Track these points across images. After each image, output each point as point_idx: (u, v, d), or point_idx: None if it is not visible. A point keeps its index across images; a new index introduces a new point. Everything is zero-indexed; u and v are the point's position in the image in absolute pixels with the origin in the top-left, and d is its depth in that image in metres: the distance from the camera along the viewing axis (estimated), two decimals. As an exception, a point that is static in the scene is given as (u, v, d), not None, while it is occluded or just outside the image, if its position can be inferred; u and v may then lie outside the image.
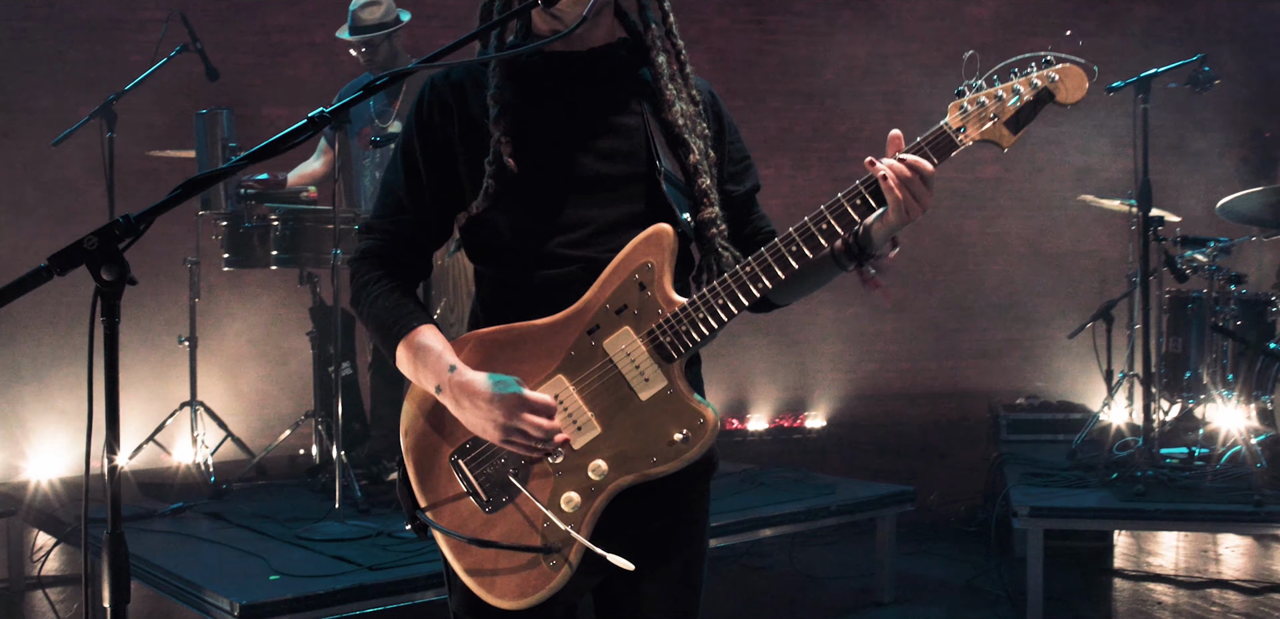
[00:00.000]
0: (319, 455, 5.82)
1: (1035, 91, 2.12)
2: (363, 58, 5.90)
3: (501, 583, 2.15)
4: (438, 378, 2.15)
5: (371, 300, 2.26)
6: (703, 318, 2.14)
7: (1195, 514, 5.26)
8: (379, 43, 5.80)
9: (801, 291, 2.32)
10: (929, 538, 6.49)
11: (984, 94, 2.13)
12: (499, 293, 2.29)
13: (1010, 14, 9.28)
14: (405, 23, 5.86)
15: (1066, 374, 8.68)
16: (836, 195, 2.14)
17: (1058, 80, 2.12)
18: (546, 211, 2.22)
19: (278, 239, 5.38)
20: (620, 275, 2.17)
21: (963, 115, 2.13)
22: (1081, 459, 6.21)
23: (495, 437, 2.12)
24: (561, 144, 2.24)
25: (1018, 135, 2.14)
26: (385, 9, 5.81)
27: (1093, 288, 8.81)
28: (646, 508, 2.21)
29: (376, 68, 5.89)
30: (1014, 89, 2.12)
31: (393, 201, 2.30)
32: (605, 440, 2.15)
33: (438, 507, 2.20)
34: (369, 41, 5.80)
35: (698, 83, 2.36)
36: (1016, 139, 2.14)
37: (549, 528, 2.14)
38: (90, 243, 1.93)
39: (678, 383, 2.15)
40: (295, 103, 8.35)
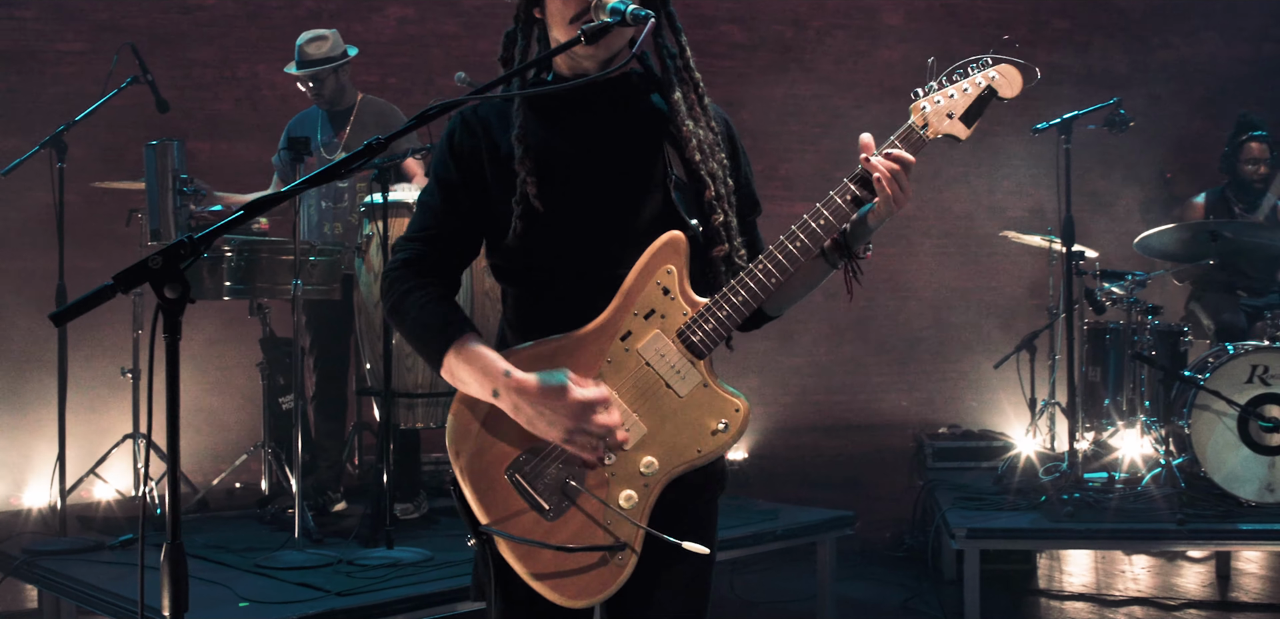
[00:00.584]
0: (268, 486, 5.81)
1: (980, 89, 2.36)
2: (310, 92, 5.98)
3: (570, 584, 2.24)
4: (494, 382, 2.23)
5: (418, 307, 2.32)
6: (727, 315, 2.28)
7: (1124, 533, 5.53)
8: (325, 77, 5.89)
9: (793, 297, 2.46)
10: (859, 563, 6.67)
11: (939, 95, 2.36)
12: (530, 313, 2.39)
13: (919, 58, 9.59)
14: (352, 57, 5.94)
15: (988, 404, 8.98)
16: (829, 192, 2.32)
17: (999, 78, 2.37)
18: (572, 244, 2.34)
19: (232, 270, 5.39)
20: (643, 283, 2.29)
21: (924, 114, 2.35)
22: (1008, 484, 6.46)
23: (557, 436, 2.21)
24: (585, 179, 2.36)
25: (972, 128, 2.37)
26: (331, 44, 5.91)
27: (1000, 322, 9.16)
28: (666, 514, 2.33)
29: (324, 102, 5.96)
30: (964, 88, 2.36)
31: (430, 217, 2.39)
32: (652, 437, 2.27)
33: (500, 520, 2.27)
34: (316, 76, 5.87)
35: (714, 111, 2.49)
36: (971, 131, 2.37)
37: (613, 525, 2.25)
38: (155, 262, 2.00)
39: (710, 377, 2.30)
40: (216, 137, 8.36)
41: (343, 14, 8.45)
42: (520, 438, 2.28)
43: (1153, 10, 10.17)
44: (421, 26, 8.92)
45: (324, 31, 5.97)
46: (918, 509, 6.95)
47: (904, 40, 9.67)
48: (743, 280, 2.29)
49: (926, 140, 2.35)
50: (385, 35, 8.88)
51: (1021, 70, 2.36)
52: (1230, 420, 5.72)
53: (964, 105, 2.35)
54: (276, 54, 8.38)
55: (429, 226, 2.39)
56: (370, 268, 5.29)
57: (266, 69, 8.49)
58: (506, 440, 2.29)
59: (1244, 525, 5.49)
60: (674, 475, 2.29)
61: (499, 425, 2.28)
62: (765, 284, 2.29)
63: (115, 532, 5.45)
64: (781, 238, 2.30)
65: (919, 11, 9.74)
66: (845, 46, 9.71)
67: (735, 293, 2.28)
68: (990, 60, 2.38)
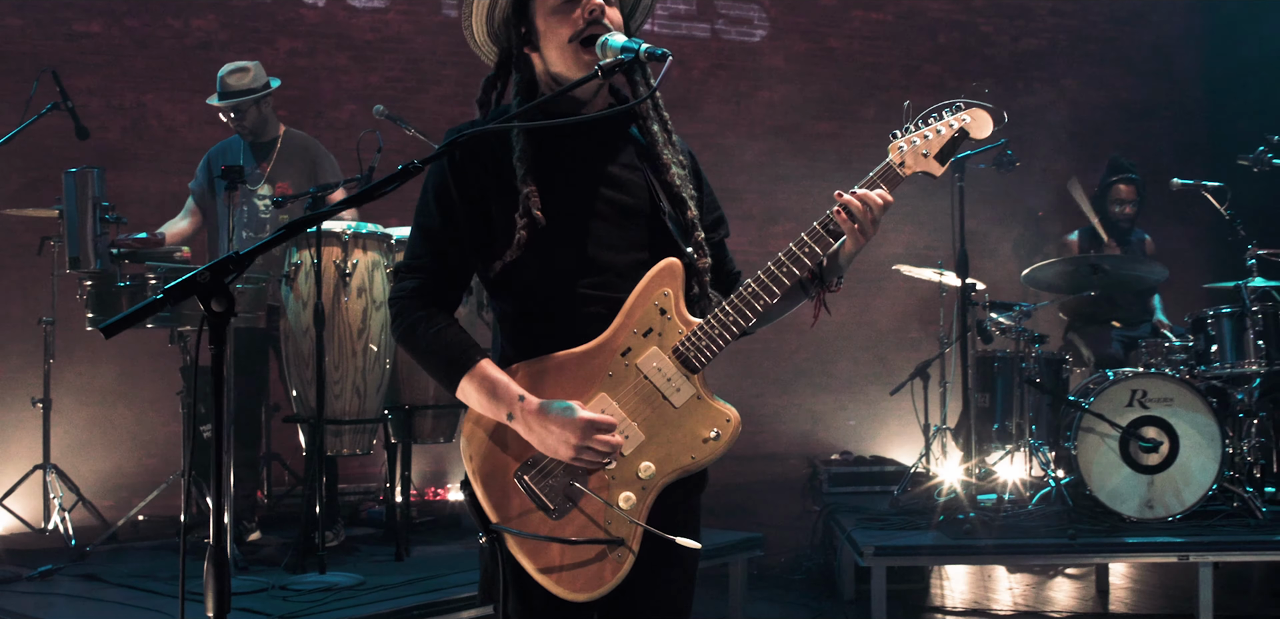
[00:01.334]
0: (187, 515, 5.78)
1: (953, 131, 2.58)
2: (232, 123, 6.00)
3: (574, 577, 2.41)
4: (509, 406, 2.41)
5: (432, 335, 2.49)
6: (718, 333, 2.47)
7: (1021, 548, 5.86)
8: (247, 108, 5.93)
9: (773, 317, 2.65)
10: (759, 585, 6.88)
11: (915, 135, 2.59)
12: (529, 329, 2.54)
13: (799, 98, 9.97)
14: (274, 88, 5.99)
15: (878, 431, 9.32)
16: (810, 226, 2.53)
17: (970, 121, 2.59)
18: (570, 258, 2.50)
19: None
20: (643, 304, 2.48)
21: (901, 153, 2.57)
22: (905, 506, 6.77)
23: (567, 455, 2.39)
24: (579, 198, 2.53)
25: (945, 166, 2.60)
26: (253, 76, 5.96)
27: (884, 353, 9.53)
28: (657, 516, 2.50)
29: (246, 133, 6.00)
30: (938, 130, 2.58)
31: (431, 244, 2.54)
32: (650, 444, 2.46)
33: (508, 519, 2.44)
34: (237, 106, 5.91)
35: (680, 144, 2.70)
36: (944, 168, 2.60)
37: (613, 523, 2.42)
38: (203, 277, 2.10)
39: (703, 390, 2.48)
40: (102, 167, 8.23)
41: (232, 44, 8.44)
42: (527, 444, 2.44)
43: (1018, 57, 10.73)
44: (311, 59, 8.94)
45: (246, 63, 6.02)
46: (817, 532, 7.20)
47: (785, 81, 10.00)
48: (733, 303, 2.48)
49: (903, 176, 2.57)
50: (275, 67, 8.85)
51: (991, 114, 2.59)
52: (1113, 442, 6.11)
53: (938, 145, 2.57)
54: (164, 84, 8.34)
55: (431, 252, 2.54)
56: (299, 296, 5.34)
57: (153, 98, 8.43)
58: (515, 446, 2.45)
59: (1130, 539, 5.86)
60: (669, 480, 2.47)
61: (508, 433, 2.45)
62: (754, 306, 2.49)
63: (24, 564, 5.37)
64: (769, 265, 2.50)
65: (799, 55, 10.09)
66: (728, 87, 9.98)
67: (726, 315, 2.48)
68: (962, 105, 2.59)
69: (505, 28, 2.64)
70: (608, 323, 2.48)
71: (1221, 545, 5.72)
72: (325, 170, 6.10)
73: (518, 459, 2.45)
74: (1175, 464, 6.07)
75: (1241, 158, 6.54)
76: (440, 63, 9.24)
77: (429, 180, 2.59)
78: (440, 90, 9.15)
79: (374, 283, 5.41)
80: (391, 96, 8.89)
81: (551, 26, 2.54)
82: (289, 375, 5.51)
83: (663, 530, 2.46)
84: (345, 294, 5.27)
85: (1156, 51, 10.83)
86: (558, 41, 2.53)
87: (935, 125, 2.59)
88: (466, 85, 9.18)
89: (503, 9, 2.62)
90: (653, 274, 2.49)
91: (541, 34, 2.56)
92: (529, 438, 2.42)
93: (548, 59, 2.56)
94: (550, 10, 2.54)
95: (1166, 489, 6.07)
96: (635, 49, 2.38)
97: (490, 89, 2.67)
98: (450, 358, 2.48)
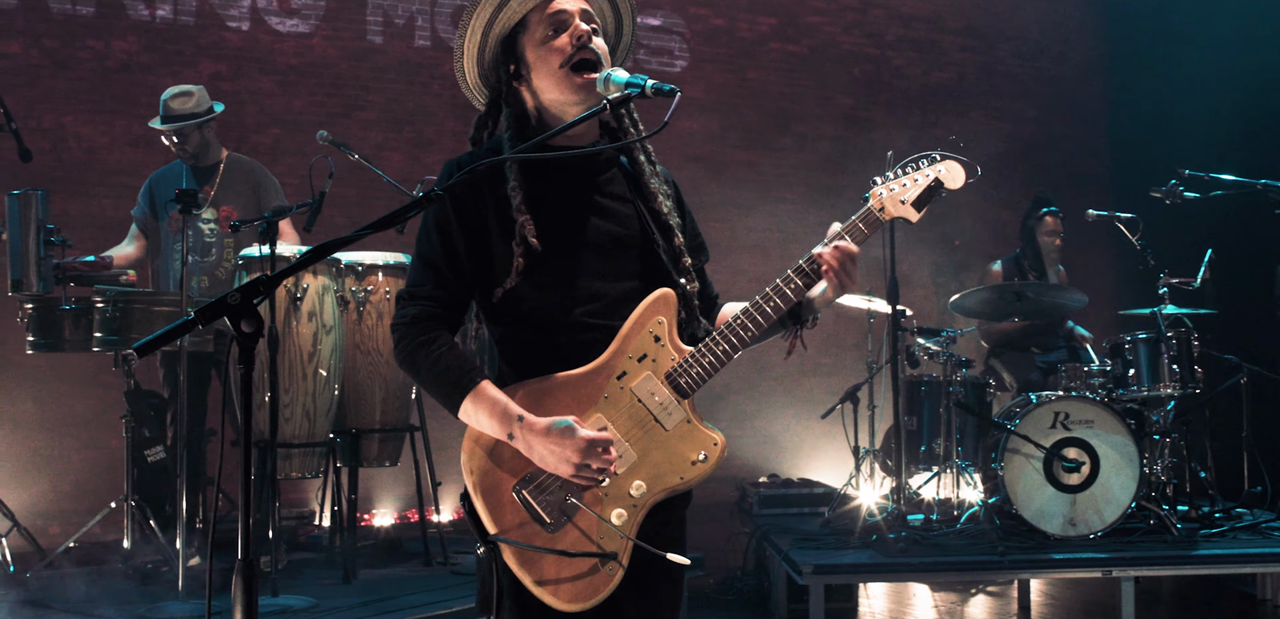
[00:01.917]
0: (130, 541, 5.73)
1: (929, 181, 2.73)
2: (175, 146, 5.99)
3: (567, 589, 2.50)
4: (509, 426, 2.51)
5: (434, 358, 2.58)
6: (708, 362, 2.60)
7: (953, 565, 6.05)
8: (190, 132, 5.93)
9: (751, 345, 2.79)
10: (694, 606, 7.00)
11: (893, 182, 2.74)
12: (527, 353, 2.63)
13: (718, 128, 10.15)
14: (218, 113, 6.00)
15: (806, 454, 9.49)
16: (793, 265, 2.67)
17: (945, 172, 2.74)
18: (566, 286, 2.61)
19: (105, 321, 5.34)
20: (638, 332, 2.60)
21: (881, 198, 2.73)
22: (836, 527, 6.94)
23: (566, 471, 2.49)
24: (574, 228, 2.65)
25: (921, 213, 2.75)
26: (196, 100, 5.96)
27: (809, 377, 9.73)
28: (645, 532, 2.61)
29: (188, 157, 5.99)
30: (915, 179, 2.74)
31: (434, 272, 2.63)
32: (641, 464, 2.57)
33: (506, 531, 2.53)
34: (181, 130, 5.91)
35: (664, 173, 2.83)
36: (920, 215, 2.75)
37: (605, 538, 2.52)
38: (233, 298, 2.18)
39: (692, 415, 2.60)
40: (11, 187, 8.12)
41: (154, 67, 8.37)
42: (526, 460, 2.54)
43: (929, 90, 11.06)
44: (234, 83, 8.89)
45: (190, 88, 6.03)
46: (749, 553, 7.35)
47: (704, 111, 10.17)
48: (723, 334, 2.61)
49: (882, 220, 2.73)
50: (197, 92, 8.84)
51: (964, 167, 2.74)
52: (1037, 462, 6.35)
53: (915, 193, 2.72)
54: (83, 105, 8.25)
55: (432, 280, 2.63)
56: (249, 320, 5.34)
57: (73, 120, 8.32)
58: (514, 463, 2.55)
59: (1056, 555, 6.09)
60: (658, 499, 2.58)
61: (506, 449, 2.55)
62: (743, 338, 2.62)
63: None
64: (757, 299, 2.64)
65: (717, 85, 10.26)
66: (645, 116, 10.09)
67: (716, 344, 2.60)
68: (938, 156, 2.75)
69: (494, 68, 2.75)
70: (603, 348, 2.59)
71: (1142, 560, 5.98)
72: (270, 194, 6.11)
73: (515, 475, 2.54)
74: (1096, 483, 6.33)
75: (1154, 190, 6.84)
76: (364, 88, 9.25)
77: (430, 211, 2.68)
78: (365, 116, 9.16)
79: (324, 307, 5.44)
80: (316, 121, 8.89)
81: (542, 57, 2.65)
82: (237, 399, 5.48)
83: (651, 546, 2.56)
84: (296, 318, 5.29)
85: (1060, 86, 11.25)
86: (549, 69, 2.64)
87: (913, 174, 2.73)
88: (390, 112, 9.21)
89: (492, 49, 2.73)
90: (648, 303, 2.61)
91: (532, 65, 2.67)
92: (530, 455, 2.51)
93: (539, 89, 2.67)
94: (539, 41, 2.65)
95: (1088, 507, 6.32)
96: (641, 84, 2.50)
97: (482, 127, 2.79)
98: (453, 380, 2.57)
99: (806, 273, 2.66)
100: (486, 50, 2.73)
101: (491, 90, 2.79)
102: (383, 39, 9.42)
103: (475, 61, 2.75)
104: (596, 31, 2.68)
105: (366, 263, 5.80)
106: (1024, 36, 11.31)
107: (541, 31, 2.65)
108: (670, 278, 2.67)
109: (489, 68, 2.76)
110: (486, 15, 2.68)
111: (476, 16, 2.68)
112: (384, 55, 9.33)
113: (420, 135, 9.31)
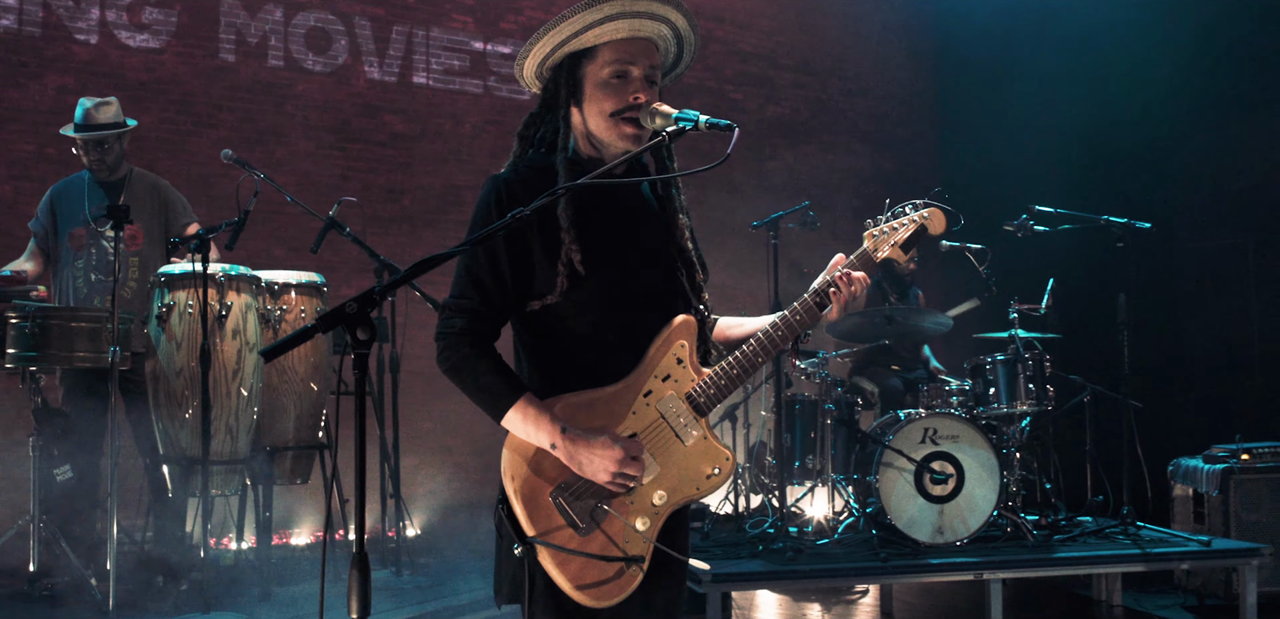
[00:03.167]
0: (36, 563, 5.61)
1: (914, 226, 3.04)
2: (91, 158, 5.92)
3: (594, 590, 2.73)
4: (553, 436, 2.73)
5: (480, 372, 2.77)
6: (724, 384, 2.87)
7: (841, 571, 6.44)
8: (111, 142, 5.87)
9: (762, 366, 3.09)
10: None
11: (884, 226, 3.05)
12: (560, 365, 2.85)
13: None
14: (132, 127, 5.96)
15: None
16: (803, 294, 2.95)
17: (928, 217, 3.05)
18: (603, 305, 2.84)
19: (21, 337, 5.24)
20: (663, 353, 2.85)
21: (874, 240, 3.04)
22: (719, 540, 7.27)
23: (603, 479, 2.72)
24: (612, 253, 2.88)
25: (909, 254, 3.06)
26: (115, 110, 5.91)
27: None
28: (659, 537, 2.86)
29: (103, 170, 5.92)
30: (903, 223, 3.04)
31: (479, 287, 2.81)
32: (663, 476, 2.82)
33: (545, 534, 2.74)
34: (103, 139, 5.85)
35: (682, 204, 3.09)
36: (908, 256, 3.06)
37: (629, 543, 2.76)
38: (351, 307, 2.34)
39: (708, 432, 2.87)
40: None
41: (-1, 82, 8.20)
42: (562, 470, 2.77)
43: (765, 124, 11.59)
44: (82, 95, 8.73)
45: (109, 98, 5.97)
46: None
47: (552, 138, 10.46)
48: (737, 359, 2.88)
49: (876, 261, 3.02)
50: (44, 105, 8.63)
51: (946, 214, 3.06)
52: (909, 475, 6.81)
53: (903, 237, 3.01)
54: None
55: (478, 294, 2.81)
56: (171, 337, 5.33)
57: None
58: (551, 470, 2.77)
59: (933, 560, 6.55)
60: (675, 507, 2.84)
61: (545, 458, 2.77)
62: (755, 361, 2.89)
63: None
64: (768, 327, 2.90)
65: (565, 113, 10.55)
66: (498, 143, 10.30)
67: (732, 367, 2.87)
68: (923, 203, 3.04)
69: (554, 72, 2.95)
70: (631, 367, 2.84)
71: (1009, 564, 6.49)
72: (177, 212, 6.08)
73: (552, 482, 2.76)
74: (961, 494, 6.83)
75: (1007, 224, 7.43)
76: (216, 106, 9.19)
77: (476, 225, 2.86)
78: (216, 134, 9.09)
79: (247, 325, 5.47)
80: (165, 138, 8.79)
81: (597, 96, 2.87)
82: (160, 415, 5.46)
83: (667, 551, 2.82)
84: (221, 336, 5.31)
85: (890, 123, 11.96)
86: (600, 111, 2.87)
87: (901, 219, 3.03)
88: (241, 131, 9.16)
89: (556, 58, 2.93)
90: (672, 328, 2.86)
91: (587, 96, 2.89)
92: (570, 464, 2.74)
93: (588, 115, 2.90)
94: (600, 82, 2.87)
95: (954, 517, 6.82)
96: (694, 120, 2.75)
97: (533, 126, 2.99)
98: (498, 392, 2.76)
99: (812, 306, 2.93)
100: (554, 56, 2.92)
101: (546, 91, 2.98)
102: (236, 57, 9.37)
103: (539, 60, 2.94)
104: (652, 83, 2.91)
105: (281, 282, 5.84)
106: (855, 75, 11.97)
107: (606, 72, 2.87)
108: (691, 305, 2.94)
109: (547, 70, 2.96)
110: (571, 30, 2.87)
111: (564, 26, 2.87)
112: (236, 74, 9.28)
113: (271, 155, 9.29)
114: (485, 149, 10.24)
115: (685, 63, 3.11)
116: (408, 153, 9.97)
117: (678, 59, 3.09)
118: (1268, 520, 7.06)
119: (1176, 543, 6.89)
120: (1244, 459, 7.12)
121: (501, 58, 10.52)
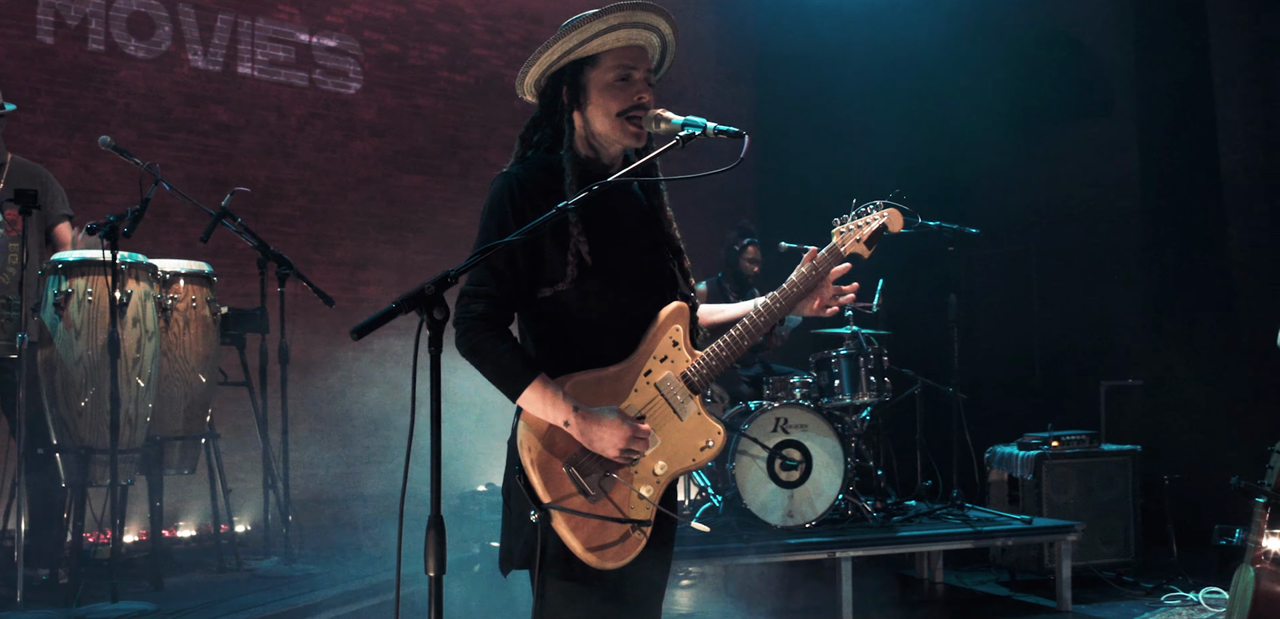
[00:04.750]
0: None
1: (877, 224, 3.38)
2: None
3: (604, 551, 3.01)
4: (566, 415, 2.99)
5: (499, 355, 3.02)
6: (716, 363, 3.18)
7: (717, 551, 6.80)
8: None
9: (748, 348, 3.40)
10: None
11: (850, 223, 3.38)
12: (565, 348, 3.12)
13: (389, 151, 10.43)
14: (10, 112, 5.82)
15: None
16: (787, 279, 3.29)
17: (887, 216, 3.39)
18: (606, 293, 3.12)
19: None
20: (660, 336, 3.16)
21: (842, 237, 3.37)
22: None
23: (612, 453, 2.99)
24: (615, 244, 3.16)
25: (872, 249, 3.40)
26: None
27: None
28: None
29: (-15, 152, 5.76)
30: (866, 221, 3.38)
31: (495, 274, 3.04)
32: (663, 449, 3.12)
33: (558, 500, 3.00)
34: None
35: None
36: (872, 251, 3.38)
37: (634, 508, 3.05)
38: (429, 289, 2.56)
39: (701, 408, 3.18)
40: None
41: None
42: (572, 444, 3.03)
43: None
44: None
45: (-16, 84, 5.79)
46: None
47: (376, 134, 10.46)
48: (727, 341, 3.18)
49: (843, 255, 3.34)
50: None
51: (902, 212, 3.41)
52: (762, 463, 7.26)
53: (867, 233, 3.33)
54: None
55: (494, 281, 3.04)
56: (69, 324, 5.26)
57: None
58: (562, 444, 3.03)
59: (791, 541, 7.00)
60: (673, 477, 3.15)
61: (557, 432, 3.03)
62: (741, 343, 3.21)
63: None
64: (752, 313, 3.21)
65: (390, 109, 10.52)
66: (323, 137, 10.27)
67: (722, 349, 3.18)
68: (882, 204, 3.37)
69: (553, 80, 3.21)
70: (631, 348, 3.13)
71: (856, 542, 7.02)
72: (56, 199, 5.95)
73: (564, 455, 3.02)
74: (809, 480, 7.32)
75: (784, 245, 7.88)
76: (34, 89, 8.88)
77: (492, 216, 3.10)
78: (34, 119, 8.78)
79: (146, 313, 5.43)
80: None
81: (603, 97, 3.15)
82: (55, 405, 5.35)
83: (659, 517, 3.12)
84: (122, 323, 5.27)
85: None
86: (606, 111, 3.15)
87: (865, 218, 3.35)
88: (61, 115, 8.88)
89: (560, 65, 3.19)
90: (667, 314, 3.16)
91: (591, 100, 3.17)
92: (582, 439, 2.99)
93: (591, 118, 3.17)
94: (605, 85, 3.16)
95: (803, 501, 7.30)
96: (702, 126, 3.06)
97: (533, 130, 3.26)
98: (516, 372, 3.01)
99: (791, 295, 3.26)
100: (559, 64, 3.18)
101: (544, 97, 3.23)
102: (54, 40, 9.07)
103: (543, 68, 3.20)
104: (650, 84, 3.20)
105: (171, 271, 5.82)
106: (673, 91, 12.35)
107: (610, 76, 3.14)
108: (682, 292, 3.24)
109: (546, 79, 3.22)
110: (579, 39, 3.13)
111: (573, 35, 3.13)
112: (55, 57, 8.98)
113: (92, 143, 9.05)
114: (310, 142, 10.16)
115: (665, 67, 3.40)
116: (232, 144, 9.82)
117: (660, 64, 3.38)
118: (1075, 501, 7.82)
119: (1001, 522, 7.59)
120: (1054, 446, 7.87)
121: (327, 51, 10.44)
